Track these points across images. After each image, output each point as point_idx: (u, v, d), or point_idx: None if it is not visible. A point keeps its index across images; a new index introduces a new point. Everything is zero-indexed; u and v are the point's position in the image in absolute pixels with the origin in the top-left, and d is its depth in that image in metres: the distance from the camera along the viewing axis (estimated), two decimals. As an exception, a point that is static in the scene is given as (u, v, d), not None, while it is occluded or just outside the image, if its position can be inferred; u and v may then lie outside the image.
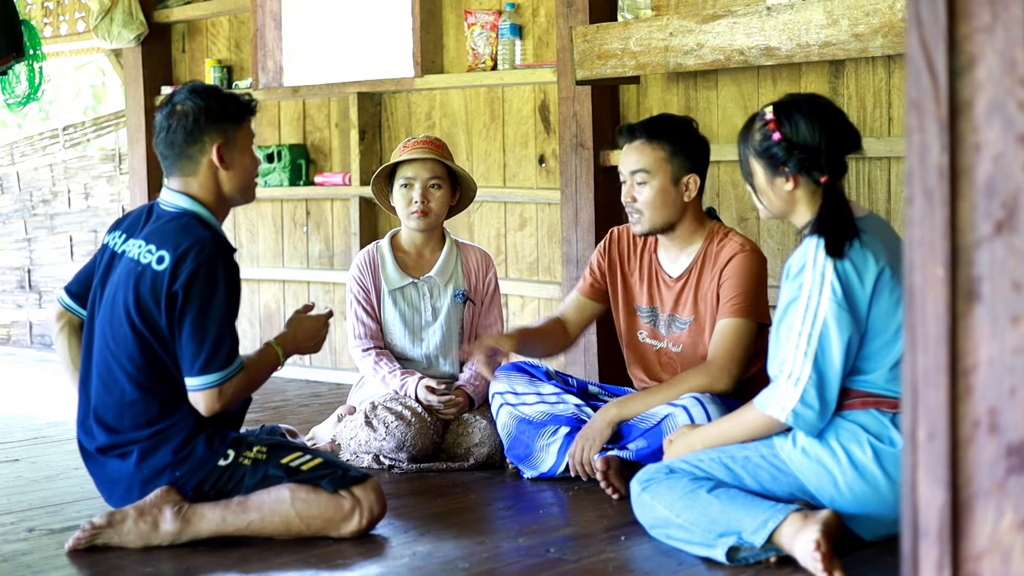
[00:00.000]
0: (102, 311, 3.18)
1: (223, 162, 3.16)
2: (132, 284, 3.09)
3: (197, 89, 3.20)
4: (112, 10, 6.30)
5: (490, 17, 5.17)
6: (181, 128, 3.14)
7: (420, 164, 4.16)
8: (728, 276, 3.63)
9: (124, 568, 2.91)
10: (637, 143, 3.68)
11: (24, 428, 4.86)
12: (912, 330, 1.36)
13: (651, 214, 3.68)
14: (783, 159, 2.88)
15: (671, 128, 3.70)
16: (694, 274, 3.72)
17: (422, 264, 4.28)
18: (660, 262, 3.82)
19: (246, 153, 3.22)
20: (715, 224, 3.77)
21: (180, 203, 3.17)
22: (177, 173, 3.19)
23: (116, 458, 3.11)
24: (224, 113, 3.17)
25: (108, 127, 7.71)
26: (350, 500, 3.08)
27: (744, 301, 3.60)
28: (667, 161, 3.66)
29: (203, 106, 3.15)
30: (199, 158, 3.16)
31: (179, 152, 3.16)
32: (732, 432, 3.00)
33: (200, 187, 3.18)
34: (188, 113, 3.15)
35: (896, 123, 4.15)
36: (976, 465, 1.31)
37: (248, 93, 3.30)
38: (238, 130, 3.20)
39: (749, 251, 3.66)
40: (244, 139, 3.22)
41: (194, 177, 3.18)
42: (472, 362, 4.19)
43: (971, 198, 1.32)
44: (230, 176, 3.19)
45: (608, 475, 3.49)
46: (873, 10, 3.73)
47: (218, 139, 3.16)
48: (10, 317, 7.92)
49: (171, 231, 3.11)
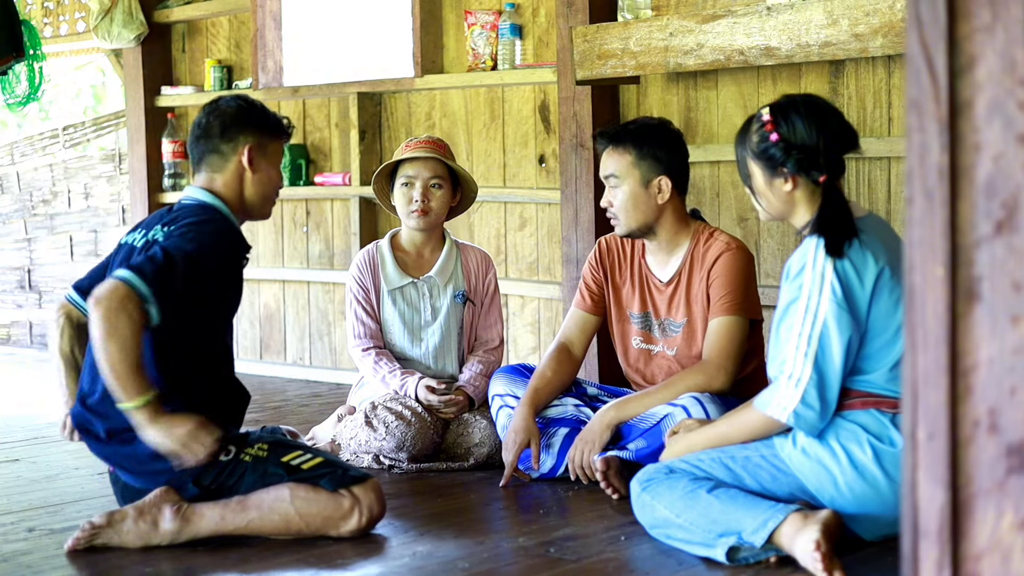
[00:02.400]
0: None
1: (252, 164, 3.24)
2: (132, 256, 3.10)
3: (243, 96, 3.34)
4: (112, 10, 6.30)
5: (490, 17, 5.17)
6: (219, 123, 3.25)
7: (422, 163, 4.16)
8: (717, 275, 3.64)
9: (124, 568, 2.91)
10: (607, 149, 3.73)
11: (24, 428, 4.86)
12: (912, 330, 1.36)
13: (625, 217, 3.70)
14: (781, 160, 2.88)
15: (638, 132, 3.71)
16: (684, 276, 3.73)
17: (422, 264, 4.28)
18: (649, 267, 3.82)
19: (273, 166, 3.31)
20: (699, 224, 3.78)
21: (201, 197, 3.23)
22: (205, 168, 3.26)
23: (123, 442, 3.09)
24: (263, 121, 3.29)
25: (108, 127, 7.71)
26: (350, 499, 3.08)
27: (735, 299, 3.61)
28: (634, 165, 3.68)
29: (245, 108, 3.28)
30: (230, 155, 3.24)
31: (212, 147, 3.25)
32: (732, 433, 3.00)
33: (224, 185, 3.25)
34: (230, 112, 3.26)
35: (896, 123, 4.15)
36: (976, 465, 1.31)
37: (287, 118, 3.39)
38: (271, 142, 3.30)
39: (736, 249, 3.67)
40: (275, 153, 3.32)
41: (220, 174, 3.25)
42: (472, 362, 4.20)
43: (971, 198, 1.32)
44: (254, 180, 3.26)
45: (608, 475, 3.49)
46: (873, 10, 3.73)
47: (252, 140, 3.25)
48: (10, 317, 7.92)
49: (186, 215, 3.15)
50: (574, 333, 3.91)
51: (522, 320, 5.29)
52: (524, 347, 5.30)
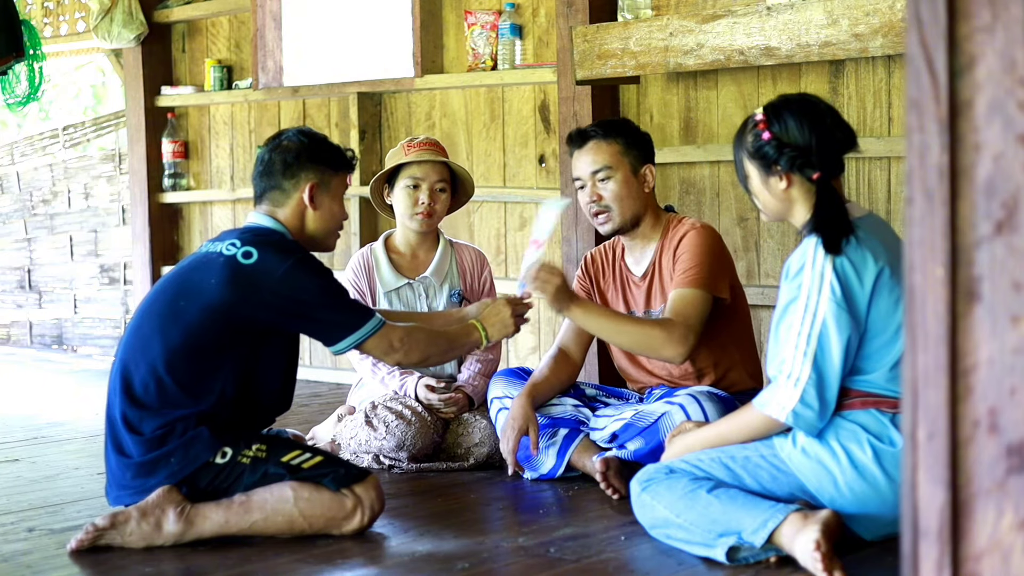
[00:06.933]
0: (162, 284, 3.25)
1: (313, 202, 3.27)
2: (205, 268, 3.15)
3: (306, 131, 3.36)
4: (112, 10, 6.30)
5: (490, 17, 5.18)
6: (281, 160, 3.27)
7: (429, 166, 4.16)
8: (682, 252, 3.65)
9: (125, 567, 2.91)
10: (591, 144, 3.74)
11: (24, 428, 4.86)
12: (912, 330, 1.36)
13: (620, 207, 3.71)
14: (774, 157, 2.89)
15: (618, 125, 3.80)
16: (656, 267, 3.76)
17: (417, 265, 4.28)
18: (628, 267, 3.86)
19: (336, 201, 3.33)
20: (671, 216, 3.81)
21: (267, 224, 3.27)
22: (267, 203, 3.29)
23: (128, 432, 3.10)
24: (326, 157, 3.31)
25: (108, 127, 7.71)
26: (352, 499, 3.09)
27: (699, 273, 3.58)
28: (624, 154, 3.73)
29: (308, 144, 3.30)
30: (292, 192, 3.27)
31: (274, 183, 3.27)
32: (731, 432, 3.00)
33: (286, 219, 3.28)
34: (292, 148, 3.28)
35: (896, 123, 4.15)
36: (976, 465, 1.31)
37: (351, 149, 3.44)
38: (334, 177, 3.32)
39: (700, 227, 3.69)
40: (338, 188, 3.34)
41: (281, 209, 3.28)
42: (470, 361, 4.20)
43: (971, 198, 1.32)
44: (316, 217, 3.29)
45: (608, 475, 3.49)
46: (873, 10, 3.73)
47: (314, 178, 3.27)
48: (10, 317, 7.92)
49: (261, 237, 3.20)
50: (570, 338, 3.91)
51: (522, 320, 5.29)
52: (524, 347, 5.30)
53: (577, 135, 3.78)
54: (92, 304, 7.45)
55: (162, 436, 3.07)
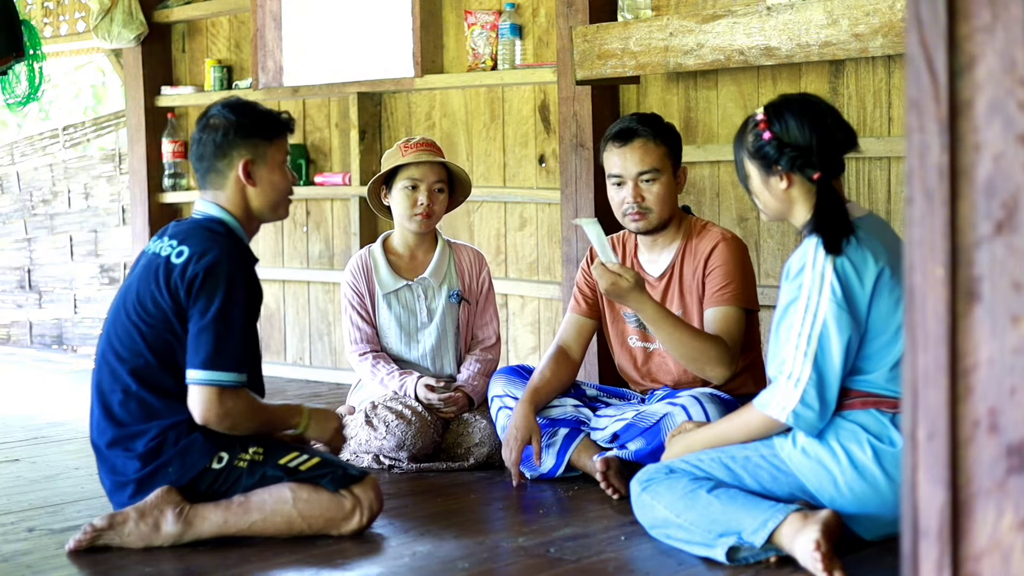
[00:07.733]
0: (115, 303, 3.20)
1: (250, 179, 3.19)
2: (147, 275, 3.11)
3: (231, 103, 3.22)
4: (112, 10, 6.30)
5: (490, 17, 5.17)
6: (211, 142, 3.18)
7: (428, 167, 4.16)
8: (714, 265, 3.63)
9: (124, 568, 2.91)
10: (638, 142, 3.68)
11: (24, 428, 4.86)
12: (912, 330, 1.36)
13: (660, 210, 3.69)
14: (775, 157, 2.89)
15: (661, 124, 3.75)
16: (676, 270, 3.73)
17: (415, 266, 4.28)
18: (641, 264, 3.82)
19: (276, 171, 3.23)
20: (691, 218, 3.80)
21: (209, 211, 3.21)
22: (208, 186, 3.22)
23: (122, 451, 3.09)
24: (255, 129, 3.19)
25: (108, 127, 7.71)
26: (351, 499, 3.09)
27: (736, 289, 3.60)
28: (668, 156, 3.71)
29: (234, 120, 3.18)
30: (227, 173, 3.19)
31: (208, 166, 3.20)
32: (732, 433, 3.00)
33: (228, 200, 3.20)
34: (219, 127, 3.18)
35: (896, 123, 4.15)
36: (976, 465, 1.31)
37: (287, 112, 3.33)
38: (268, 147, 3.21)
39: (731, 239, 3.69)
40: (275, 156, 3.23)
41: (223, 191, 3.21)
42: (469, 361, 4.20)
43: (971, 198, 1.32)
44: (257, 193, 3.21)
45: (608, 475, 3.49)
46: (873, 10, 3.73)
47: (246, 154, 3.18)
48: (10, 317, 7.92)
49: (195, 231, 3.14)
50: (571, 337, 3.90)
51: (522, 320, 5.29)
52: (524, 347, 5.30)
53: (626, 131, 3.69)
54: (92, 304, 7.45)
55: (156, 448, 3.06)
